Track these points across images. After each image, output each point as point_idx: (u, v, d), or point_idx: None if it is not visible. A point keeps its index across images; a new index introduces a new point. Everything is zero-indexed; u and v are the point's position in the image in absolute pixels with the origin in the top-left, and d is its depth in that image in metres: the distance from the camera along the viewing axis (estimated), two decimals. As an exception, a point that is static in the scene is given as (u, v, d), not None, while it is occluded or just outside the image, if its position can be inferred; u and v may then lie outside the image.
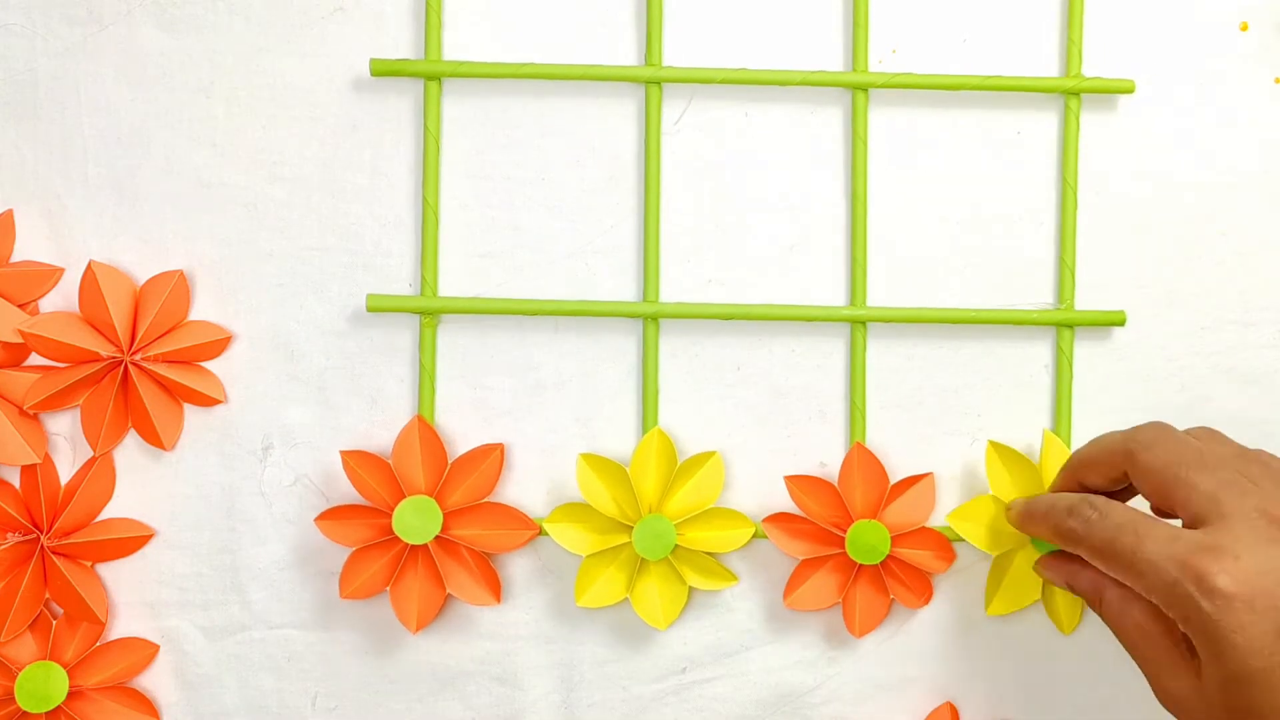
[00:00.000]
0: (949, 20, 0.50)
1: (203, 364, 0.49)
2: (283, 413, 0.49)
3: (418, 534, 0.47)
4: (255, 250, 0.49)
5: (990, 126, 0.50)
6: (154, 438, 0.48)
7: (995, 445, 0.49)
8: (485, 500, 0.48)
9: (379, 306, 0.49)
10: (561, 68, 0.49)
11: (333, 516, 0.48)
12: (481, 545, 0.48)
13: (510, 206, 0.50)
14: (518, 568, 0.50)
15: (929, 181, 0.50)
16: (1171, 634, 0.41)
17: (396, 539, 0.48)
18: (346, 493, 0.49)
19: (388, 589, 0.48)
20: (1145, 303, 0.51)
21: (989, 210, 0.50)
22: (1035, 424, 0.50)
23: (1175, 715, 0.41)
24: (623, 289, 0.50)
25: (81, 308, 0.48)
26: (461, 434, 0.50)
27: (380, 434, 0.49)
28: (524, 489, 0.50)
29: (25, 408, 0.47)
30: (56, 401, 0.48)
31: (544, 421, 0.50)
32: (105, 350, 0.47)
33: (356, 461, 0.48)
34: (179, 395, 0.49)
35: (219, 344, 0.49)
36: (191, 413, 0.49)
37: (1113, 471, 0.44)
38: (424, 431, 0.48)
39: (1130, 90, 0.50)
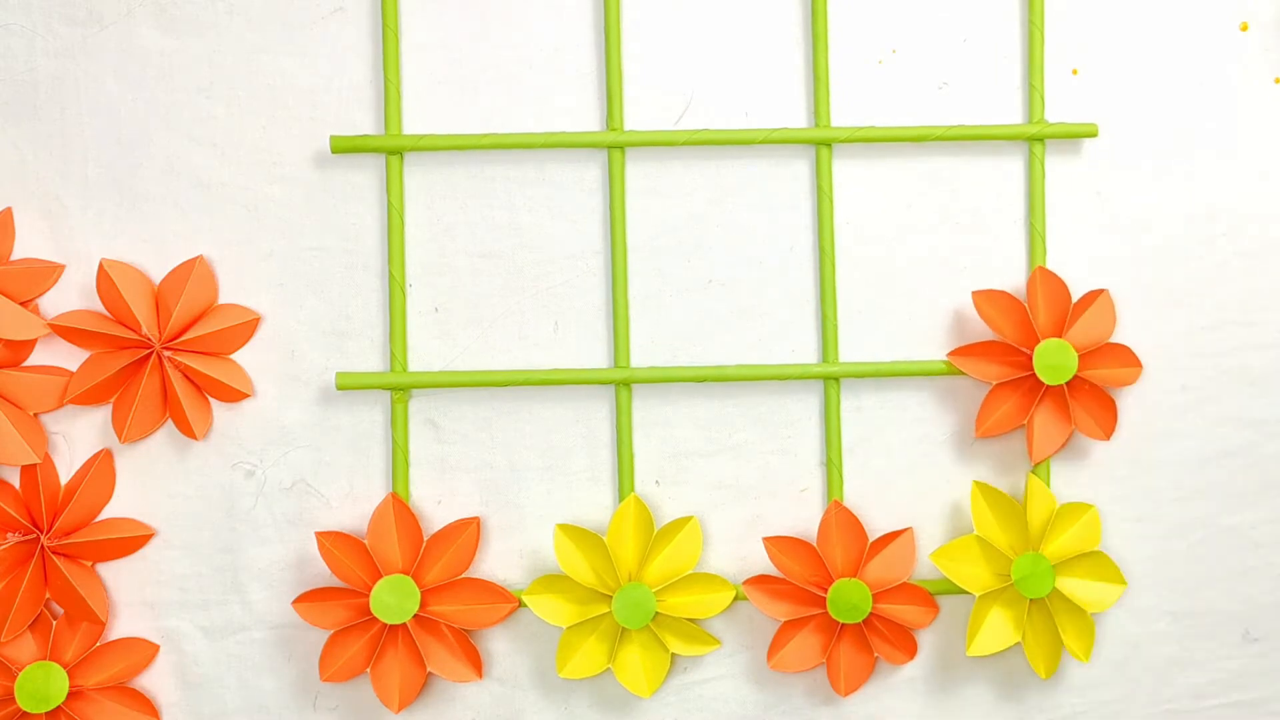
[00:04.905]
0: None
1: (228, 356, 0.49)
2: (283, 412, 0.49)
3: (396, 613, 0.47)
4: (255, 250, 0.49)
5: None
6: (186, 427, 0.48)
7: (980, 486, 0.49)
8: (463, 576, 0.48)
9: (348, 385, 0.48)
10: (522, 136, 0.49)
11: (310, 599, 0.48)
12: (461, 621, 0.48)
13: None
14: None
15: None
16: None
17: (375, 619, 0.47)
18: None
19: (368, 670, 0.48)
20: (1142, 304, 0.51)
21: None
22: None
23: None
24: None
25: (104, 304, 0.47)
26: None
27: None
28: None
29: (65, 402, 0.47)
30: (93, 396, 0.47)
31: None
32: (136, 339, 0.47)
33: (332, 543, 0.47)
34: (206, 389, 0.48)
35: (248, 326, 0.48)
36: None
37: None
38: (399, 509, 0.48)
39: (1093, 134, 0.50)
